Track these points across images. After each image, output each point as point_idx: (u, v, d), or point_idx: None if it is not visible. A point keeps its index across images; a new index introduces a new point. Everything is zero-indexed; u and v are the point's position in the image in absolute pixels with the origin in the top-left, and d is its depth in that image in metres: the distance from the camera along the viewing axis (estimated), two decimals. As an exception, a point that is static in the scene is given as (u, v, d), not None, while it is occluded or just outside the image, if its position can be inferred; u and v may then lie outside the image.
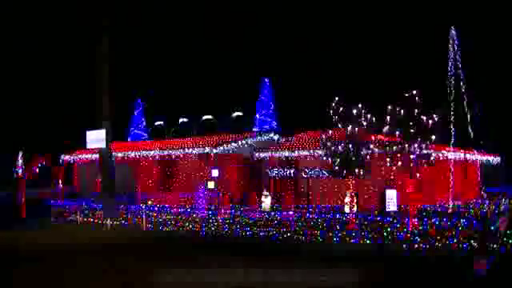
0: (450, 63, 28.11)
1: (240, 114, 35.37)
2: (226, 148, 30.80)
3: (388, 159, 19.91)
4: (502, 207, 23.91)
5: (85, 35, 26.40)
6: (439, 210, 23.58)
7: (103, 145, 24.96)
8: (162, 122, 38.52)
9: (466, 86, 28.84)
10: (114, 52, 25.84)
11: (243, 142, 32.24)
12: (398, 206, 18.75)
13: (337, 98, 20.20)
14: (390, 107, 19.36)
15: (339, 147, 19.87)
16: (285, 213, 19.87)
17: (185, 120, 36.94)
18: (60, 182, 29.20)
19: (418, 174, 19.30)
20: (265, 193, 25.81)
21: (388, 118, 19.30)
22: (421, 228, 16.39)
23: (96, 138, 25.15)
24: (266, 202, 25.30)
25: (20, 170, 28.27)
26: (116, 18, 25.33)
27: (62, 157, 36.05)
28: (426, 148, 19.01)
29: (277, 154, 31.47)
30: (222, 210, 23.03)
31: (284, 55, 56.72)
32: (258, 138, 33.47)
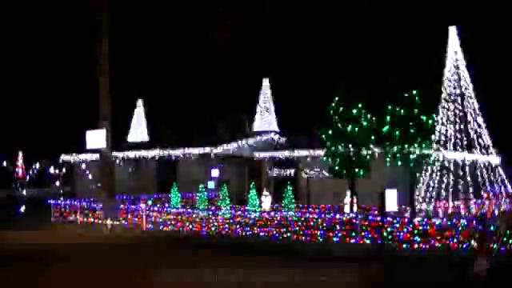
0: (449, 63, 28.11)
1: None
2: (226, 148, 30.81)
3: (388, 159, 19.91)
4: (503, 207, 23.92)
5: (85, 35, 26.39)
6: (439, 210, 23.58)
7: (103, 145, 24.94)
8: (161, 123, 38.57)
9: (467, 85, 28.83)
10: (114, 52, 25.84)
11: (243, 142, 32.26)
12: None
13: (337, 98, 20.21)
14: (389, 107, 19.36)
15: (339, 147, 19.87)
16: (285, 213, 19.87)
17: None
18: (60, 182, 29.20)
19: (417, 174, 19.31)
20: (265, 193, 25.80)
21: (388, 117, 19.30)
22: (420, 228, 16.38)
23: (96, 138, 25.12)
24: (266, 201, 25.29)
25: (20, 170, 28.28)
26: (116, 17, 25.32)
27: (62, 157, 36.06)
28: (426, 148, 19.02)
29: (277, 154, 31.47)
30: (222, 210, 23.03)
31: (284, 55, 56.72)
32: (258, 138, 33.48)
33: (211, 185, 28.95)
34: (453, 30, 29.37)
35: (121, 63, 29.88)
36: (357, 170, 20.04)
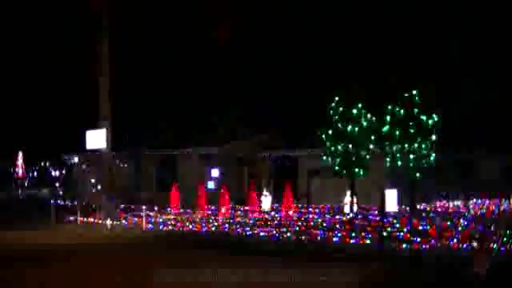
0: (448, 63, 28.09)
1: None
2: (226, 148, 30.81)
3: (388, 159, 19.93)
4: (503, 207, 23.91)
5: (85, 35, 26.39)
6: (439, 210, 23.59)
7: (103, 145, 24.95)
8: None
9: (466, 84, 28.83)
10: (114, 52, 25.83)
11: (243, 142, 32.26)
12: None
13: (337, 98, 20.21)
14: (389, 107, 19.37)
15: (339, 147, 19.87)
16: (285, 213, 19.88)
17: None
18: (60, 182, 29.20)
19: (417, 174, 19.32)
20: (265, 193, 25.82)
21: (388, 117, 19.31)
22: (421, 228, 16.40)
23: (96, 138, 25.14)
24: (266, 201, 25.31)
25: (20, 170, 28.25)
26: (116, 17, 25.32)
27: (62, 157, 36.09)
28: (426, 148, 19.03)
29: (277, 154, 31.47)
30: (223, 210, 23.04)
31: (284, 54, 56.62)
32: (258, 137, 33.48)
33: (211, 185, 28.96)
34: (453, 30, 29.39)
35: (121, 63, 29.85)
36: (356, 169, 20.03)
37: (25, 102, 53.35)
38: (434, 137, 19.15)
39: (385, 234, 16.28)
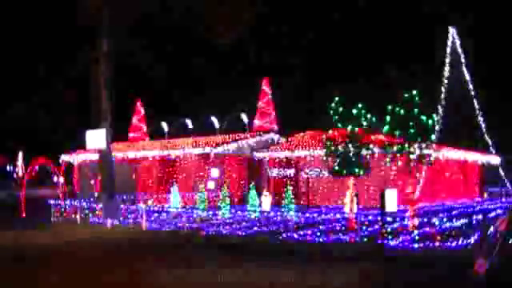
0: (447, 63, 28.16)
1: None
2: (226, 148, 30.83)
3: (388, 159, 19.94)
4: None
5: (85, 35, 26.40)
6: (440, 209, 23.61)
7: (103, 145, 24.96)
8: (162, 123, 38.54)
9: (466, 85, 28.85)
10: (114, 51, 25.83)
11: (243, 142, 32.27)
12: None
13: (337, 98, 20.23)
14: (389, 107, 19.39)
15: (339, 147, 19.89)
16: (285, 213, 19.87)
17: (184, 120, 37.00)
18: (60, 182, 29.22)
19: (417, 174, 19.32)
20: (265, 193, 25.82)
21: (388, 117, 19.33)
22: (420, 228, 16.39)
23: (96, 139, 25.14)
24: (266, 202, 25.31)
25: (20, 170, 28.24)
26: (117, 17, 25.31)
27: (62, 157, 36.08)
28: (426, 148, 19.03)
29: (277, 154, 31.47)
30: (223, 210, 23.05)
31: (284, 54, 56.70)
32: (258, 138, 33.49)
33: (211, 185, 28.97)
34: (452, 31, 29.44)
35: (121, 63, 29.87)
36: (357, 169, 20.05)
37: (25, 102, 53.37)
38: (433, 137, 19.16)
39: (385, 233, 16.29)
